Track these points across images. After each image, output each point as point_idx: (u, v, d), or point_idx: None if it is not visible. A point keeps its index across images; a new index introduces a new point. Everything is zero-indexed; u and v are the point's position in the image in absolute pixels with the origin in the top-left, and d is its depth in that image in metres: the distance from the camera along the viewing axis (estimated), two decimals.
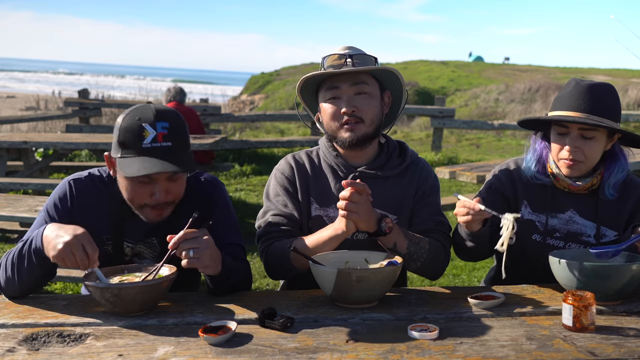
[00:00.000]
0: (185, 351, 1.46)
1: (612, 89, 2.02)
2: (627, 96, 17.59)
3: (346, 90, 2.01)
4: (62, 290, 4.44)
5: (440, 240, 2.06)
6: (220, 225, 1.97)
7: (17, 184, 5.90)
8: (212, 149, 7.29)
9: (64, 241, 1.62)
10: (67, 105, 11.36)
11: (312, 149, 2.22)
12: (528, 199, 2.15)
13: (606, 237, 2.08)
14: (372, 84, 2.04)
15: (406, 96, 2.17)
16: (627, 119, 12.03)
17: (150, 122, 1.75)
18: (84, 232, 1.66)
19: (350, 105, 2.00)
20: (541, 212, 2.12)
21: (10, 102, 23.76)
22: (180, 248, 1.67)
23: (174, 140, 1.77)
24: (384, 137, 2.18)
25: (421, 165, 2.17)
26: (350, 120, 2.01)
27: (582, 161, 2.00)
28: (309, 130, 10.21)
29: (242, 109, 23.46)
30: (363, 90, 2.01)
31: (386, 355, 1.43)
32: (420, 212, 2.10)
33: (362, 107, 2.01)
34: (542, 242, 2.11)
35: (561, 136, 2.03)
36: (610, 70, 29.18)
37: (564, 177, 2.07)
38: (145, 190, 1.80)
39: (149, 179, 1.78)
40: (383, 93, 2.10)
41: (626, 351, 1.45)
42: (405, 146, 2.19)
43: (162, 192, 1.80)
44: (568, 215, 2.10)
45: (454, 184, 7.93)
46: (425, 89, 23.42)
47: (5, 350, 1.47)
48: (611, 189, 2.06)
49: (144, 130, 1.74)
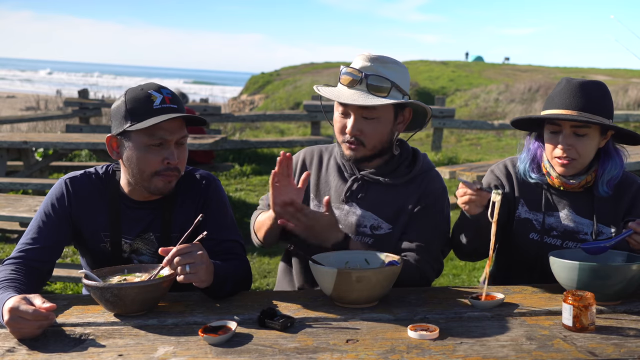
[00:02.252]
0: (185, 351, 1.46)
1: (603, 86, 2.02)
2: (627, 96, 17.57)
3: (354, 111, 1.98)
4: (62, 290, 4.44)
5: (417, 262, 2.00)
6: (217, 221, 1.97)
7: (17, 184, 5.90)
8: (212, 149, 7.29)
9: (6, 322, 1.53)
10: (67, 105, 11.36)
11: (329, 145, 2.23)
12: (524, 197, 2.15)
13: (603, 234, 2.08)
14: (383, 108, 1.97)
15: (430, 114, 2.09)
16: (627, 119, 12.02)
17: (154, 89, 1.88)
18: (12, 305, 1.53)
19: (355, 129, 1.98)
20: (538, 210, 2.13)
21: (10, 102, 23.75)
22: (175, 264, 1.66)
23: (178, 104, 1.88)
24: (400, 143, 2.14)
25: (430, 178, 2.09)
26: (353, 142, 2.00)
27: (575, 159, 2.00)
28: (309, 130, 10.20)
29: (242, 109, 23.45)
30: (372, 115, 1.97)
31: (386, 355, 1.43)
32: (410, 228, 2.04)
33: (367, 132, 1.98)
34: (540, 240, 2.11)
35: (554, 135, 2.03)
36: (610, 70, 29.17)
37: (557, 176, 2.08)
38: (157, 156, 1.85)
39: (161, 142, 1.84)
40: (402, 111, 2.04)
41: (626, 351, 1.46)
42: (418, 156, 2.13)
43: (174, 156, 1.86)
44: (564, 213, 2.10)
45: (454, 184, 7.93)
46: (425, 89, 23.41)
47: (5, 350, 1.47)
48: (605, 186, 2.06)
49: (151, 95, 1.85)
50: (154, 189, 1.89)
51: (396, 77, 1.97)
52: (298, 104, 20.59)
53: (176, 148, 1.87)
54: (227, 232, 1.99)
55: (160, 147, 1.85)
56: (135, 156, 1.86)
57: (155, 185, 1.88)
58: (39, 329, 1.52)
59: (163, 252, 1.69)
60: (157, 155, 1.85)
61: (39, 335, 1.53)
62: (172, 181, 1.90)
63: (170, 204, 1.97)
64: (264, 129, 13.83)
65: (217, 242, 1.94)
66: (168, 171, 1.86)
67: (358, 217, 2.06)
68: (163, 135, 1.83)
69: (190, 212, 1.96)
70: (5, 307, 1.54)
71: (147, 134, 1.83)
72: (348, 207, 2.07)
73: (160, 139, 1.83)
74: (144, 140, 1.84)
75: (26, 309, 1.51)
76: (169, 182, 1.89)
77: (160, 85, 1.90)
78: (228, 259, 1.91)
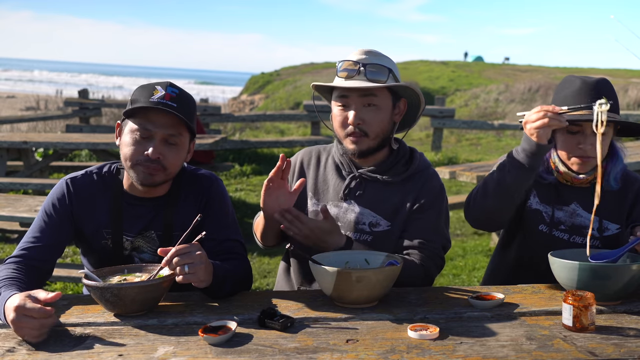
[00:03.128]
0: (185, 351, 1.46)
1: (610, 82, 2.07)
2: (627, 96, 17.58)
3: (355, 100, 2.00)
4: (62, 290, 4.44)
5: (420, 260, 2.01)
6: (218, 221, 1.97)
7: (17, 184, 5.90)
8: (212, 149, 7.29)
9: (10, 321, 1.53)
10: (67, 105, 11.38)
11: (328, 145, 2.24)
12: (537, 189, 2.17)
13: (609, 230, 2.12)
14: (383, 95, 2.01)
15: (424, 106, 2.12)
16: (627, 119, 12.03)
17: (163, 85, 1.89)
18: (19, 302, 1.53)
19: (357, 118, 1.99)
20: (548, 203, 2.15)
21: (10, 102, 23.76)
22: (175, 264, 1.66)
23: (180, 104, 1.88)
24: (397, 142, 2.16)
25: (427, 176, 2.10)
26: (356, 133, 2.01)
27: (594, 157, 2.00)
28: (309, 130, 10.21)
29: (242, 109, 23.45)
30: (372, 102, 1.99)
31: (386, 355, 1.43)
32: (410, 225, 2.06)
33: (368, 121, 2.00)
34: (549, 232, 2.15)
35: (573, 135, 2.04)
36: (610, 70, 29.17)
37: (567, 171, 2.09)
38: (140, 147, 1.87)
39: (148, 135, 1.86)
40: (397, 101, 2.07)
41: (626, 351, 1.45)
42: (415, 154, 2.15)
43: (155, 149, 1.86)
44: (572, 208, 2.13)
45: (454, 184, 7.93)
46: (425, 89, 23.41)
47: (5, 350, 1.47)
48: (613, 180, 2.10)
49: (155, 89, 1.88)
50: (135, 179, 1.90)
51: (391, 65, 2.03)
52: (298, 104, 20.60)
53: (164, 145, 1.87)
54: (229, 232, 1.99)
55: (147, 140, 1.87)
56: (124, 142, 1.90)
57: (137, 175, 1.89)
58: (43, 328, 1.51)
59: (162, 252, 1.69)
60: (141, 146, 1.87)
61: (41, 339, 1.52)
62: (155, 175, 1.88)
63: (172, 203, 1.97)
64: (264, 129, 13.83)
65: (218, 241, 1.95)
66: (148, 163, 1.86)
67: (357, 215, 2.06)
68: (148, 126, 1.85)
69: (192, 211, 1.97)
70: (10, 305, 1.54)
71: (136, 122, 1.86)
72: (347, 205, 2.08)
73: (146, 130, 1.85)
74: (133, 129, 1.87)
75: (32, 307, 1.51)
76: (150, 175, 1.88)
77: (172, 84, 1.91)
78: (229, 258, 1.91)
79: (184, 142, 1.92)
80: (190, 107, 1.92)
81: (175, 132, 1.88)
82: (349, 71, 1.99)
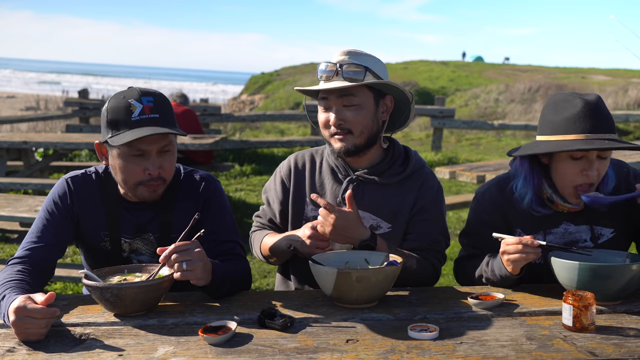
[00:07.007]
0: (185, 351, 1.46)
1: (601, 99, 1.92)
2: (627, 96, 17.57)
3: (335, 102, 2.02)
4: (62, 290, 4.44)
5: (430, 260, 2.07)
6: (217, 222, 1.97)
7: (17, 184, 5.90)
8: (212, 149, 7.28)
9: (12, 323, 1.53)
10: (67, 105, 11.37)
11: (319, 148, 2.23)
12: (521, 226, 2.04)
13: (603, 236, 2.04)
14: (362, 94, 2.01)
15: (411, 98, 2.10)
16: (627, 119, 12.04)
17: (135, 98, 1.82)
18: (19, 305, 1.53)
19: (338, 119, 2.01)
20: (536, 232, 2.04)
21: (10, 102, 23.76)
22: (173, 260, 1.66)
23: (161, 112, 1.84)
24: (388, 140, 2.16)
25: (424, 176, 2.11)
26: (339, 132, 2.02)
27: (596, 182, 1.91)
28: (309, 130, 10.22)
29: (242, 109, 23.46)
30: (352, 102, 2.00)
31: (386, 355, 1.43)
32: (416, 227, 2.07)
33: (350, 119, 2.00)
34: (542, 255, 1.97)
35: (575, 161, 1.88)
36: (610, 70, 29.16)
37: (563, 203, 1.96)
38: (138, 166, 1.84)
39: (141, 152, 1.83)
40: (382, 99, 2.06)
41: (626, 351, 1.45)
42: (410, 153, 2.15)
43: (155, 166, 1.84)
44: (562, 228, 2.03)
45: (454, 184, 7.93)
46: (425, 89, 23.42)
47: (5, 350, 1.47)
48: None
49: (130, 105, 1.81)
50: (140, 197, 1.89)
51: (370, 64, 2.02)
52: (298, 104, 20.59)
53: (159, 156, 1.85)
54: (227, 233, 1.99)
55: (142, 157, 1.84)
56: (118, 165, 1.86)
57: (141, 194, 1.88)
58: (46, 327, 1.52)
59: (161, 251, 1.69)
60: (139, 165, 1.84)
61: (42, 338, 1.52)
62: (158, 190, 1.89)
63: (169, 205, 1.97)
64: (264, 129, 13.84)
65: (217, 243, 1.94)
66: (151, 181, 1.85)
67: None
68: (142, 146, 1.81)
69: (190, 213, 1.96)
70: (11, 307, 1.54)
71: (127, 145, 1.81)
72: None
73: (140, 150, 1.82)
74: (125, 151, 1.83)
75: (34, 307, 1.51)
76: (154, 191, 1.88)
77: (143, 91, 1.85)
78: (228, 259, 1.91)
79: (174, 144, 1.91)
80: (167, 106, 1.87)
81: (167, 141, 1.86)
82: (327, 73, 2.01)
